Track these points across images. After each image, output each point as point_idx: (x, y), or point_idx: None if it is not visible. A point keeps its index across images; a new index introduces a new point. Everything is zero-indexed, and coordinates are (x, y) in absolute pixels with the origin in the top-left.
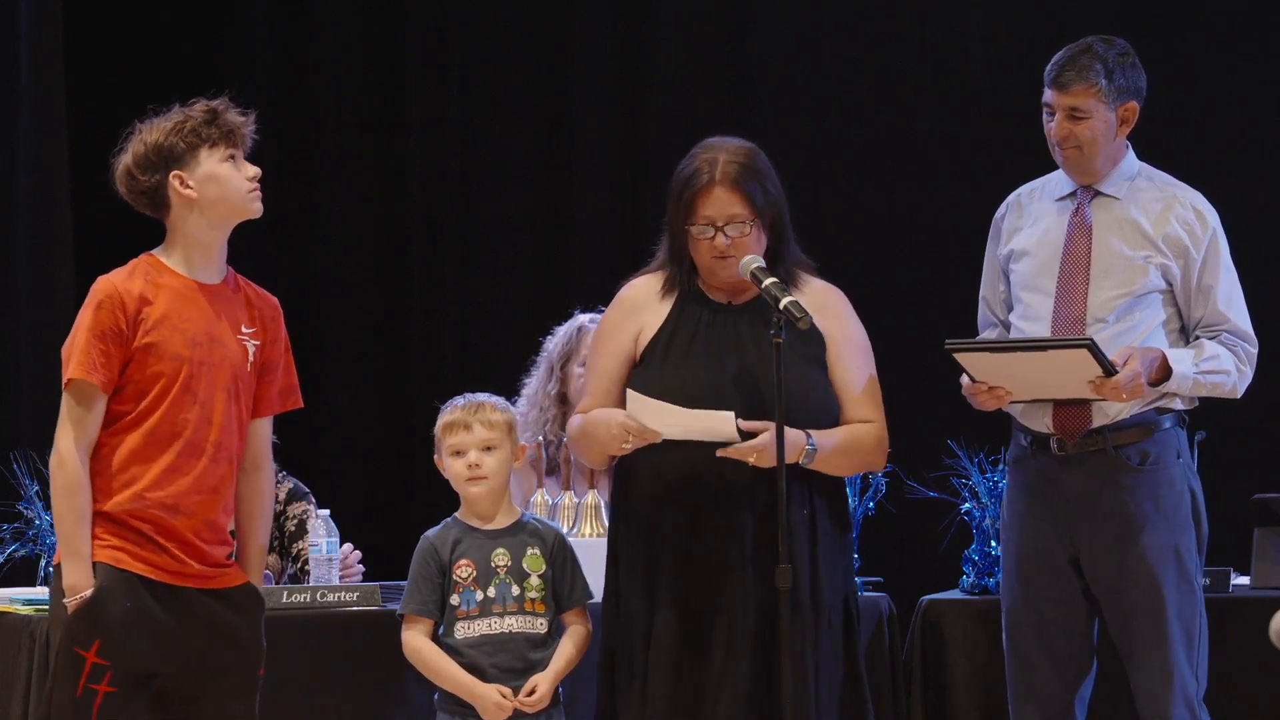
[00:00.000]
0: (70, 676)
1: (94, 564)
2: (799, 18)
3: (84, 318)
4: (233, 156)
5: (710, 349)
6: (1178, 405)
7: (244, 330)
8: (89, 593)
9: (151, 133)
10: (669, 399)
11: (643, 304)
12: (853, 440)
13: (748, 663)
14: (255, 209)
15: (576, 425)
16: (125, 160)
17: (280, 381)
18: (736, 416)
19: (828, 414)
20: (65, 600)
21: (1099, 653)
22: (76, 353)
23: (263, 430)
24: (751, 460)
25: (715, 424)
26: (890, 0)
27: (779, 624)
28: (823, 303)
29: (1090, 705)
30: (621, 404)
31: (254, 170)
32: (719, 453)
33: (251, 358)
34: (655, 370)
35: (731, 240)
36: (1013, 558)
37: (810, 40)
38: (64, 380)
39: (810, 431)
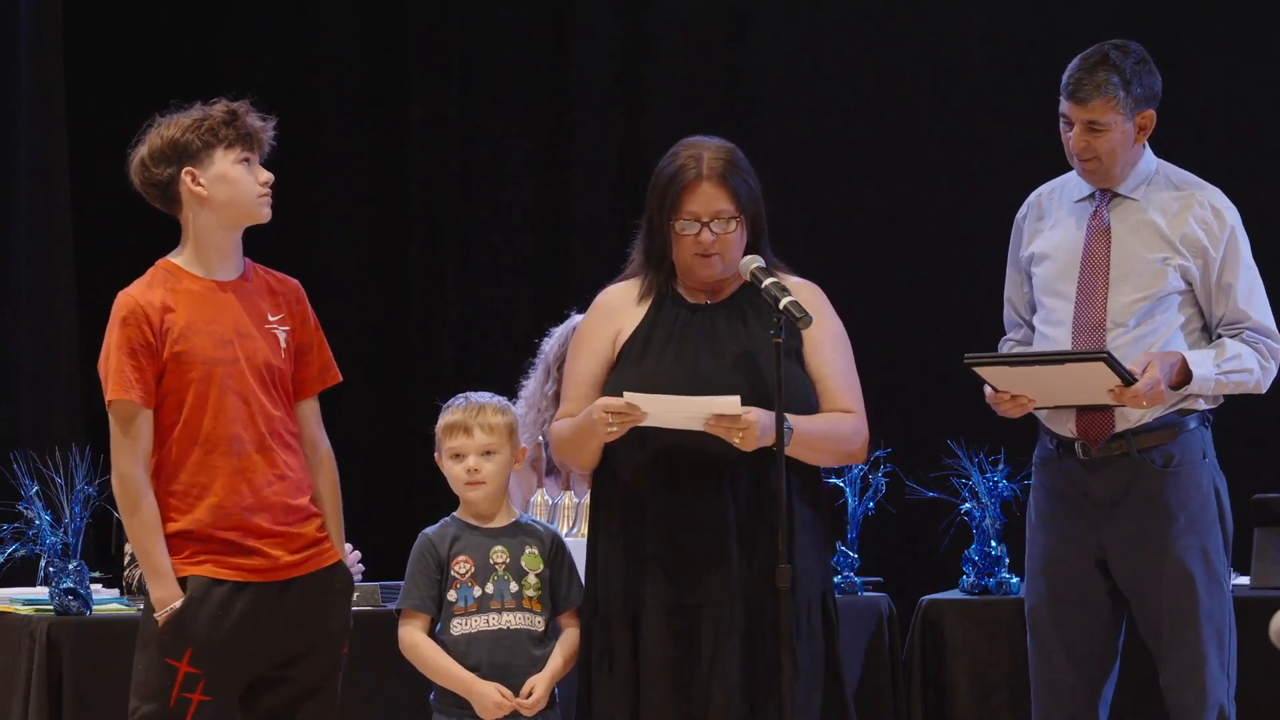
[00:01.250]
0: (164, 688)
1: (185, 578)
2: (799, 18)
3: (111, 336)
4: (247, 160)
5: (688, 345)
6: (1201, 405)
7: (271, 319)
8: (178, 604)
9: (170, 127)
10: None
11: (620, 308)
12: (830, 427)
13: (738, 661)
14: (264, 214)
15: (564, 428)
16: (141, 151)
17: (317, 361)
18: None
19: (805, 405)
20: (155, 615)
21: (1124, 653)
22: (111, 373)
23: (312, 411)
24: (736, 440)
25: (719, 409)
26: (890, 0)
27: (779, 624)
28: (800, 298)
29: (1115, 706)
30: None
31: (267, 176)
32: (704, 426)
33: (284, 344)
34: (633, 367)
35: (716, 236)
36: (1038, 558)
37: (810, 40)
38: (106, 402)
39: (786, 415)
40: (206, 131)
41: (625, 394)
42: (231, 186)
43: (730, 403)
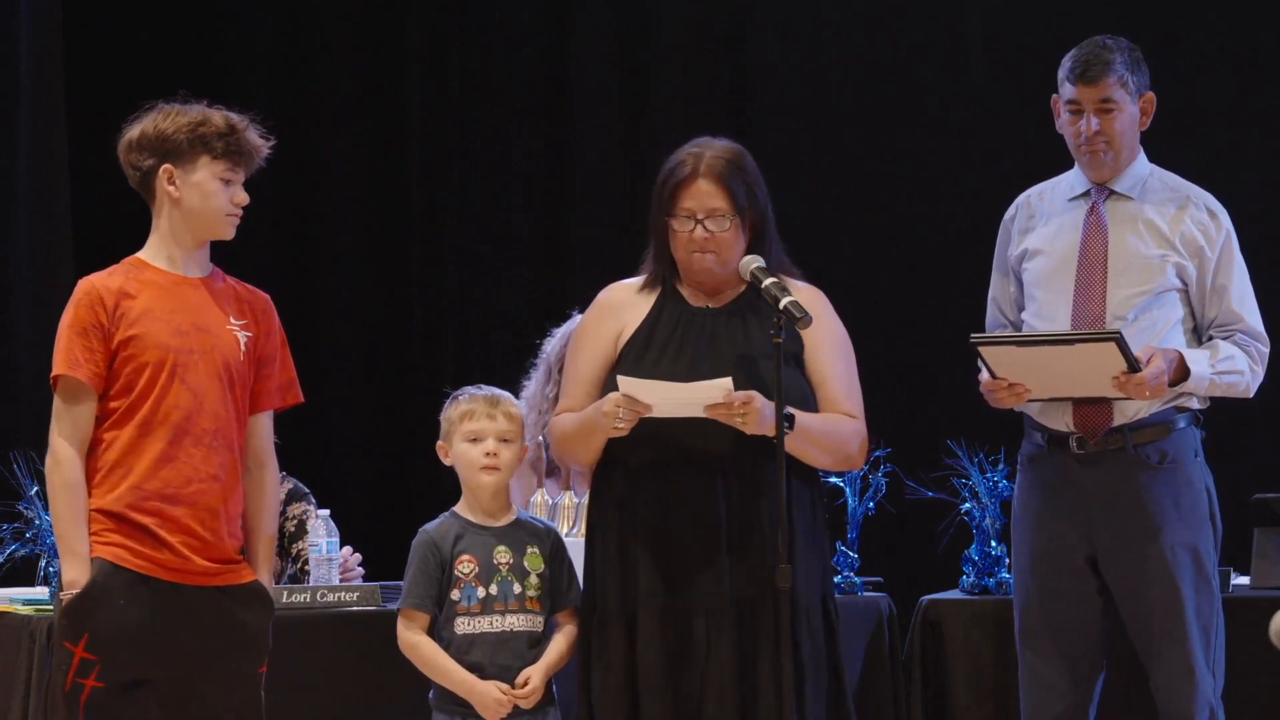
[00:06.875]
0: (61, 670)
1: (93, 559)
2: (799, 18)
3: (64, 317)
4: (229, 179)
5: (688, 347)
6: (1194, 404)
7: (233, 321)
8: (81, 588)
9: (165, 119)
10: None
11: (622, 305)
12: (830, 425)
13: (731, 667)
14: (228, 233)
15: (569, 423)
16: (132, 133)
17: (278, 376)
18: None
19: (804, 408)
20: (60, 594)
21: (1113, 653)
22: (60, 351)
23: (264, 426)
24: (738, 422)
25: (711, 393)
26: (890, 1)
27: (779, 624)
28: (801, 301)
29: (1104, 705)
30: None
31: (243, 198)
32: (705, 410)
33: (244, 347)
34: (631, 366)
35: (710, 234)
36: (1026, 556)
37: (810, 40)
38: (51, 378)
39: (788, 407)
40: (199, 137)
41: (619, 378)
42: (204, 199)
43: (721, 385)
